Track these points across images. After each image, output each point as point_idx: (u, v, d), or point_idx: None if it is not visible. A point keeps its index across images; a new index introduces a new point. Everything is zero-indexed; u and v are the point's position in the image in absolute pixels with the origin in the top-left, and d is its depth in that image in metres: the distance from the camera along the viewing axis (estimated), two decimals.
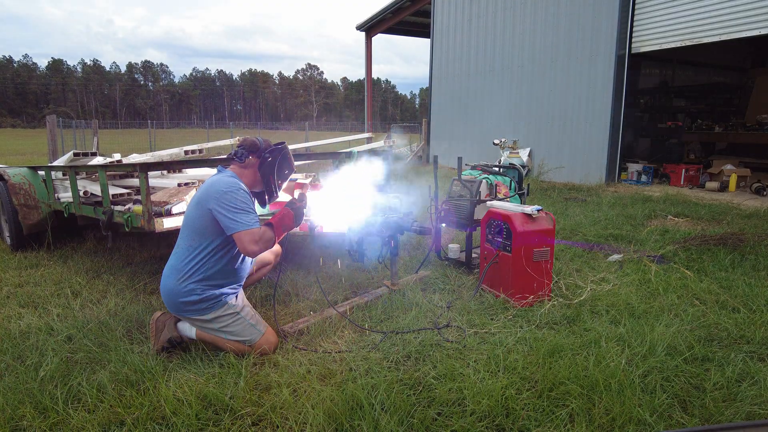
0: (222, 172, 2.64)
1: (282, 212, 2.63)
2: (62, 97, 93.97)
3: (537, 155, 11.13)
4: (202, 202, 2.48)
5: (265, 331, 2.62)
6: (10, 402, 2.14)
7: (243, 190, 2.51)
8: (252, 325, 2.59)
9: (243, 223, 2.41)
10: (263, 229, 2.49)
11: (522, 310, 3.12)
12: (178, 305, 2.53)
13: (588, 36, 9.73)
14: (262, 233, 2.46)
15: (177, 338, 2.61)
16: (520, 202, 4.26)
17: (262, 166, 2.67)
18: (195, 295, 2.49)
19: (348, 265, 4.22)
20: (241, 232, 2.41)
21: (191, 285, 2.49)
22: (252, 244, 2.42)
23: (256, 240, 2.43)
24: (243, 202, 2.46)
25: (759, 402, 2.15)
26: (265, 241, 2.47)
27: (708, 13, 8.00)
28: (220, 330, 2.55)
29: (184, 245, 2.54)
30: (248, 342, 2.56)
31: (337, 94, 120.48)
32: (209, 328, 2.57)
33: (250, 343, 2.56)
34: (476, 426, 1.98)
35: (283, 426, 2.02)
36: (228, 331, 2.55)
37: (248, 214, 2.46)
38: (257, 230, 2.45)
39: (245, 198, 2.49)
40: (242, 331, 2.56)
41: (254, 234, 2.42)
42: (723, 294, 3.40)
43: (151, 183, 3.61)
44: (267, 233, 2.50)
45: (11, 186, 4.60)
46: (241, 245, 2.43)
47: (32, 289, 3.66)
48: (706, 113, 12.41)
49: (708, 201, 7.59)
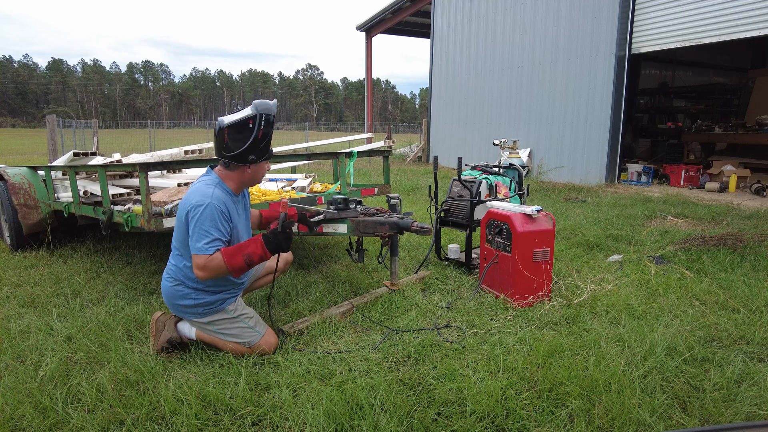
0: (208, 174, 2.53)
1: (252, 239, 2.43)
2: (62, 97, 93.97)
3: (537, 155, 11.14)
4: (182, 210, 2.42)
5: (265, 332, 2.61)
6: (10, 402, 2.14)
7: (213, 205, 2.34)
8: (250, 327, 2.58)
9: (194, 247, 2.32)
10: (213, 256, 2.31)
11: (522, 311, 3.12)
12: (175, 307, 2.53)
13: (588, 36, 9.73)
14: (207, 261, 2.30)
15: (176, 339, 2.61)
16: (520, 202, 4.26)
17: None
18: (190, 299, 2.48)
19: (348, 265, 4.22)
20: (193, 254, 2.33)
21: (185, 290, 2.48)
22: (197, 269, 2.32)
23: (200, 266, 2.31)
24: (206, 220, 2.32)
25: (759, 403, 2.15)
26: (211, 269, 2.30)
27: (708, 14, 8.00)
28: (218, 332, 2.55)
29: (175, 251, 2.52)
30: (247, 344, 2.55)
31: (337, 94, 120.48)
32: (207, 330, 2.56)
33: (249, 344, 2.55)
34: (476, 426, 1.98)
35: (282, 426, 2.02)
36: (226, 333, 2.55)
37: (204, 237, 2.31)
38: (204, 257, 2.30)
39: (211, 216, 2.33)
40: (241, 333, 2.55)
41: (200, 260, 2.30)
42: (723, 294, 3.40)
43: (151, 183, 3.60)
44: (214, 261, 2.30)
45: (11, 186, 4.60)
46: (193, 266, 2.36)
47: (32, 289, 3.66)
48: (706, 114, 12.41)
49: (708, 201, 7.59)
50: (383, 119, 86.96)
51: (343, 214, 3.17)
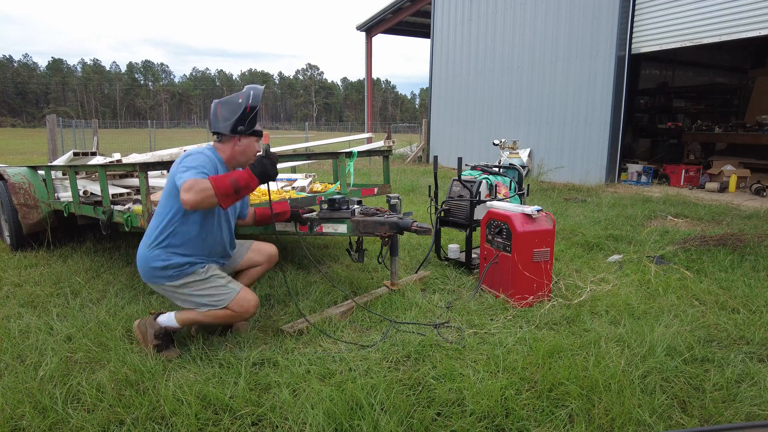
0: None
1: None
2: (62, 97, 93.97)
3: (537, 155, 11.14)
4: (172, 169, 2.50)
5: (240, 289, 2.58)
6: (10, 402, 2.14)
7: (203, 154, 2.48)
8: (223, 285, 2.56)
9: (181, 177, 2.31)
10: (201, 179, 2.28)
11: (522, 311, 3.12)
12: (148, 271, 2.55)
13: (588, 36, 9.73)
14: (194, 182, 2.24)
15: (161, 329, 2.59)
16: (520, 202, 4.26)
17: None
18: (160, 260, 2.50)
19: (348, 265, 4.22)
20: (180, 184, 2.28)
21: (156, 251, 2.51)
22: (183, 192, 2.22)
23: (186, 188, 2.22)
24: (194, 161, 2.39)
25: (758, 403, 2.15)
26: (197, 190, 2.22)
27: (708, 14, 8.00)
28: (192, 297, 2.54)
29: (155, 215, 2.58)
30: (223, 303, 2.53)
31: (337, 94, 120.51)
32: (181, 294, 2.56)
33: (226, 303, 2.52)
34: (476, 426, 1.98)
35: (282, 426, 2.02)
36: (200, 296, 2.53)
37: (192, 169, 2.33)
38: (191, 180, 2.25)
39: (200, 160, 2.42)
40: (215, 294, 2.53)
41: (187, 183, 2.23)
42: (723, 295, 3.40)
43: (150, 183, 3.60)
44: (201, 183, 2.25)
45: (11, 185, 4.60)
46: (180, 192, 2.28)
47: (32, 289, 3.66)
48: (706, 114, 12.42)
49: (708, 202, 7.59)
50: (383, 119, 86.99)
51: (336, 214, 3.20)
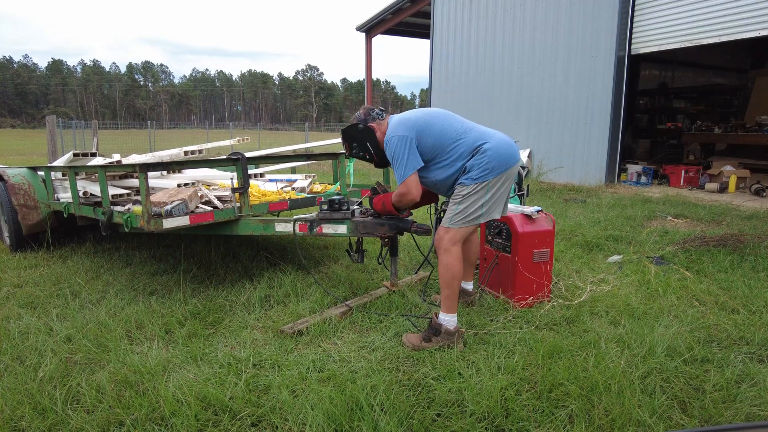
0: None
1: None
2: (62, 98, 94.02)
3: (536, 156, 11.14)
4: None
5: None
6: (9, 402, 2.14)
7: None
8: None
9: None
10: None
11: (521, 311, 3.12)
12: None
13: (588, 37, 9.74)
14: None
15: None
16: (520, 202, 4.26)
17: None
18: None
19: (347, 266, 4.21)
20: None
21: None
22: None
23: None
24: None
25: (759, 403, 2.15)
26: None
27: (708, 15, 8.00)
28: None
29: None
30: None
31: (336, 94, 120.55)
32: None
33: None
34: (476, 427, 1.98)
35: (282, 427, 2.02)
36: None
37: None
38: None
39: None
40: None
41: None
42: (722, 295, 3.40)
43: (150, 183, 3.61)
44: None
45: (11, 186, 4.60)
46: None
47: (31, 290, 3.66)
48: (706, 114, 12.41)
49: (707, 202, 7.59)
50: None
51: (336, 215, 3.18)
